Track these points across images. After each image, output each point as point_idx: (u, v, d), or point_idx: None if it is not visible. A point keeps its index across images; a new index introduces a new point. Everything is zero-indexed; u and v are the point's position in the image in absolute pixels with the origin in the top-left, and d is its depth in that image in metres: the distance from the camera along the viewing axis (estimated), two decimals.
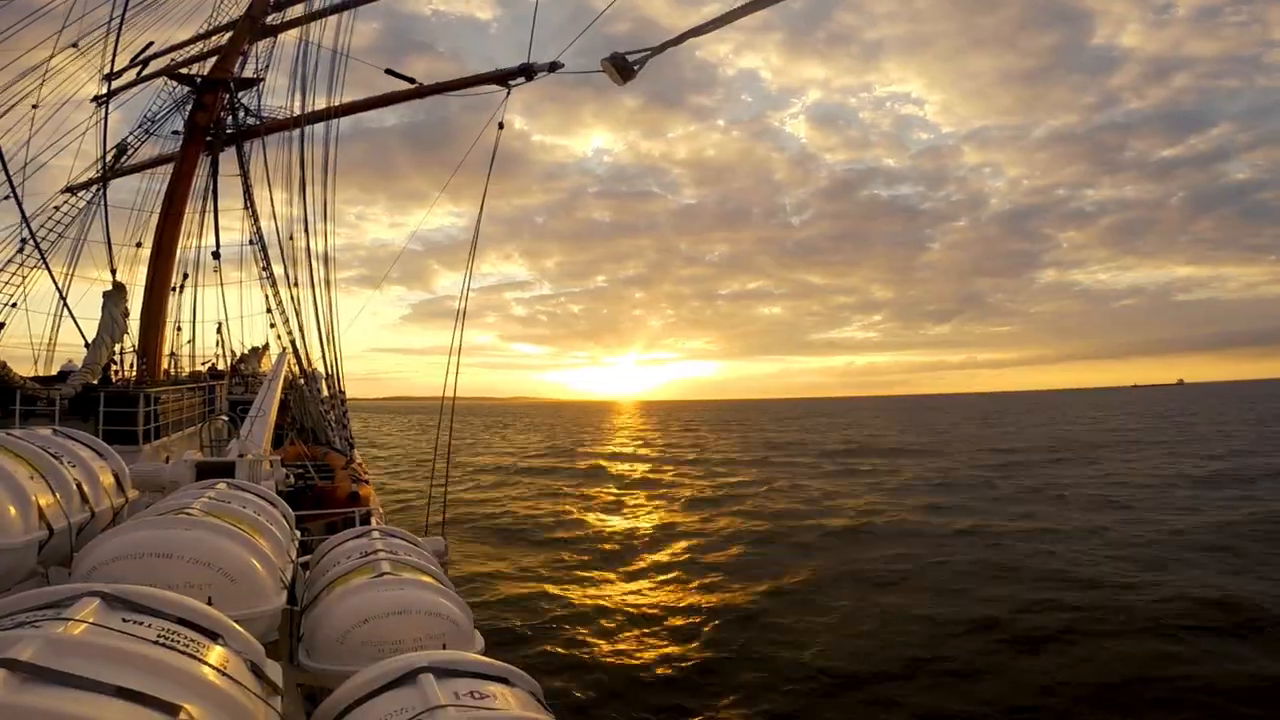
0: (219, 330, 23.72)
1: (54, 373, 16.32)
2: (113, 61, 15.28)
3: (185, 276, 21.94)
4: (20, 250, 13.86)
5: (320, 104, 18.14)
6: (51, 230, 15.94)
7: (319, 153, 18.17)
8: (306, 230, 17.98)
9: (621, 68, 3.58)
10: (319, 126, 18.34)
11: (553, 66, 13.39)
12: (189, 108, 18.30)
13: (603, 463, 47.99)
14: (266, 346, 24.57)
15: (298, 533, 4.77)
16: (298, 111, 18.17)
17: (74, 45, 16.76)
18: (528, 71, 13.93)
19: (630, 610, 14.58)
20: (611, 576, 17.49)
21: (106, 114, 15.38)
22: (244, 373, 23.20)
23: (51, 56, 15.93)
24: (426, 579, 3.70)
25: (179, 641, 2.03)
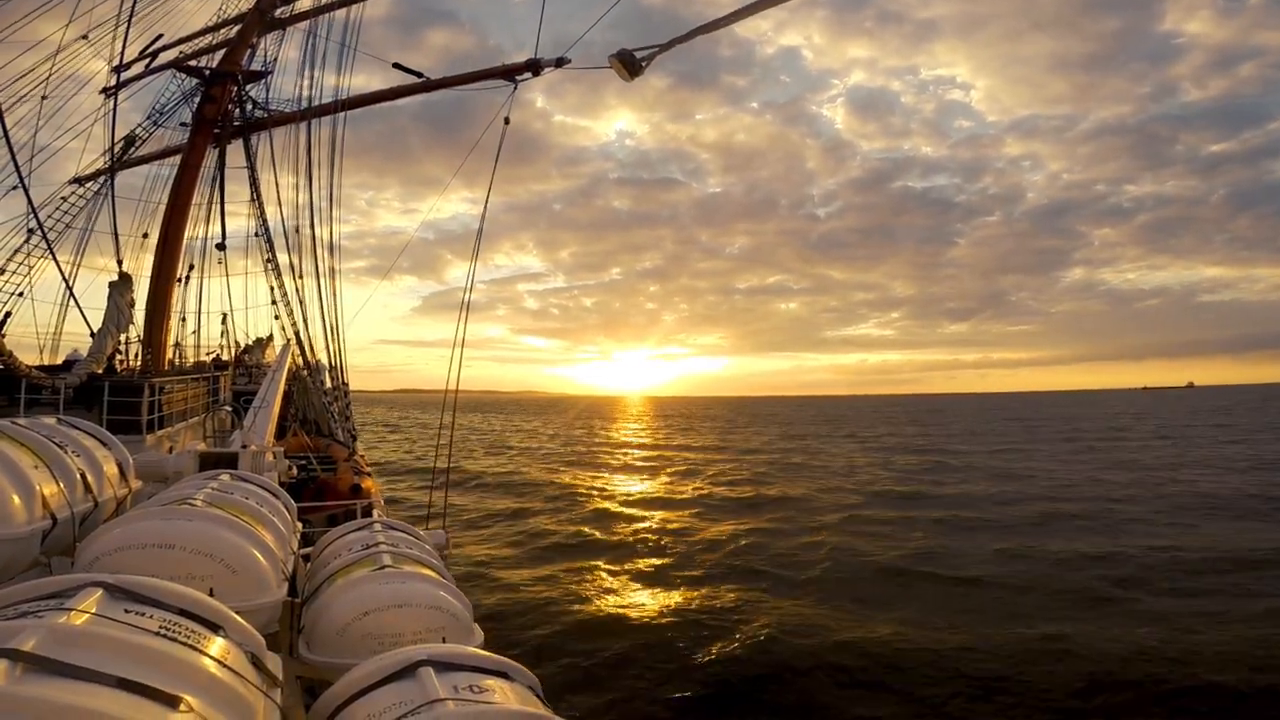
0: (224, 321, 23.82)
1: (59, 362, 16.37)
2: (122, 53, 15.30)
3: (191, 267, 21.99)
4: (27, 240, 13.90)
5: (329, 87, 18.12)
6: (59, 220, 15.99)
7: (327, 135, 18.01)
8: (313, 219, 17.98)
9: (629, 64, 3.58)
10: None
11: (559, 62, 13.44)
12: (197, 100, 18.35)
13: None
14: (271, 338, 24.64)
15: (299, 524, 4.78)
16: (305, 97, 18.16)
17: (84, 37, 16.80)
18: (534, 67, 14.00)
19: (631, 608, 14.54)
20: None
21: (115, 105, 15.43)
22: (248, 364, 23.27)
23: (58, 51, 15.96)
24: (427, 572, 3.71)
25: (180, 633, 2.04)
